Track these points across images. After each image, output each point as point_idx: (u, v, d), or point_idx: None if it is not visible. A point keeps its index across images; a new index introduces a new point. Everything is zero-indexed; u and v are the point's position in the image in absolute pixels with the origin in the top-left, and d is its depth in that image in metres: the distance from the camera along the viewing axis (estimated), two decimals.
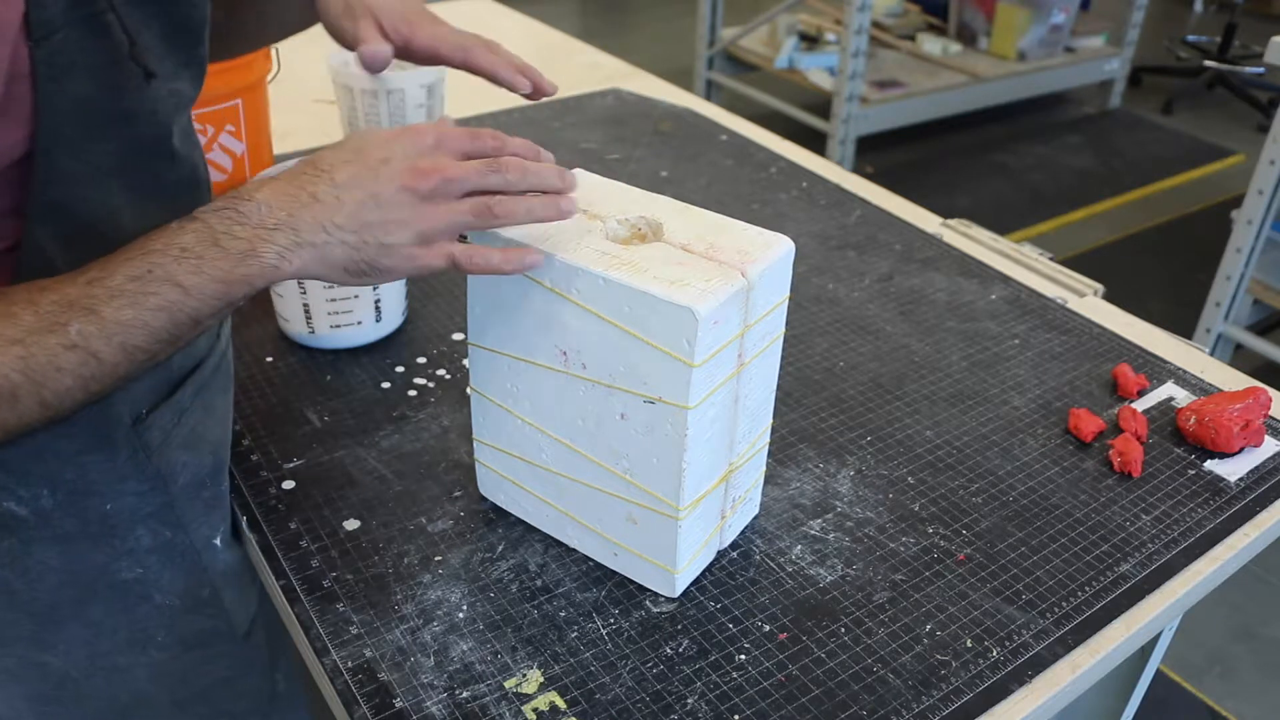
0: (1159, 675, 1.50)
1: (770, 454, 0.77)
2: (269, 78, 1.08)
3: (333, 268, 0.56)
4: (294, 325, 0.91)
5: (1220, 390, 0.90)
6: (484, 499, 0.76)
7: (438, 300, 1.00)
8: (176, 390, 0.66)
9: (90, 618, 0.68)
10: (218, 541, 0.73)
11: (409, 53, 0.78)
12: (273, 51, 1.08)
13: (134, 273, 0.52)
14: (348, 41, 0.78)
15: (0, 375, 0.49)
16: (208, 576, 0.72)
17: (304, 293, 0.87)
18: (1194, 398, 0.88)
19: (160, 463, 0.66)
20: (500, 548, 0.72)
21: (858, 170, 3.20)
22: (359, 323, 0.90)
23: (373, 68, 0.75)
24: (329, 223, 0.55)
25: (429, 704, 0.61)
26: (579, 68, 1.61)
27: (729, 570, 0.71)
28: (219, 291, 0.53)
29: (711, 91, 3.60)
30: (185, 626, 0.72)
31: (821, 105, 3.18)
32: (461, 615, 0.67)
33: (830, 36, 3.44)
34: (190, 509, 0.70)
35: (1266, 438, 0.84)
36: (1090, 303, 1.04)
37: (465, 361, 0.91)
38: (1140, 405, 0.88)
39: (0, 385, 0.49)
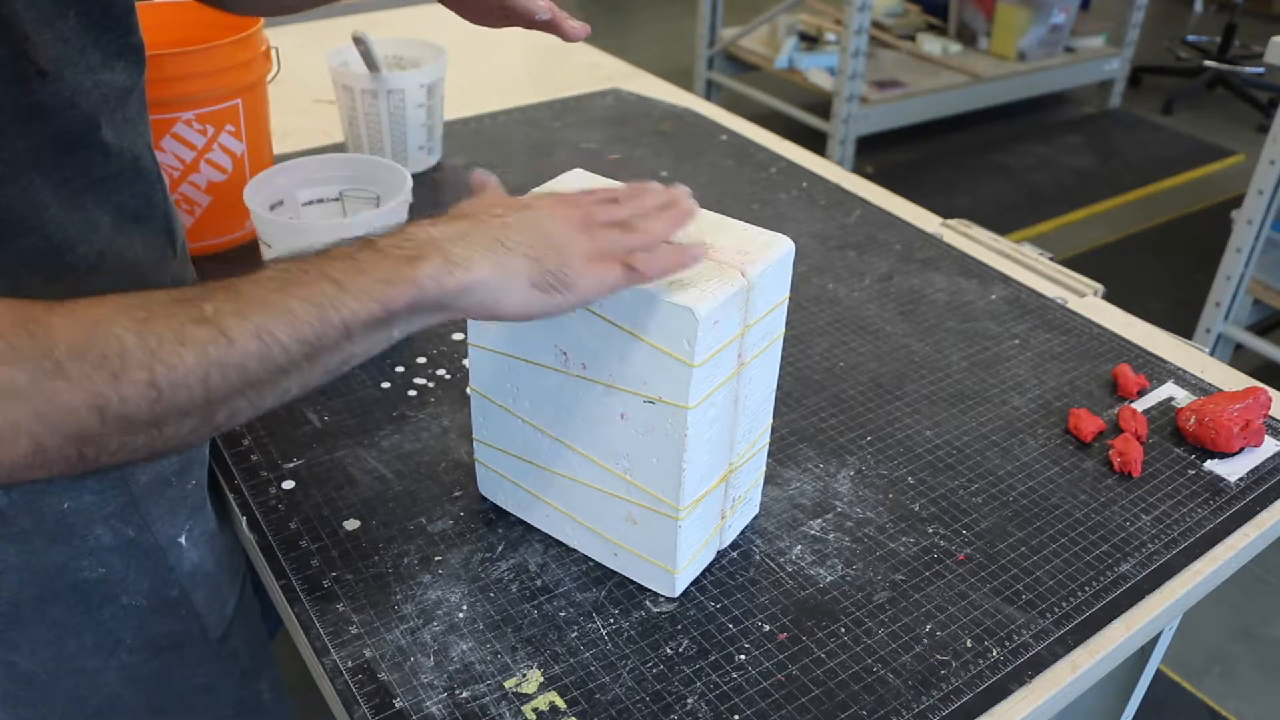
0: (1159, 675, 1.50)
1: (770, 454, 0.77)
2: (269, 78, 1.08)
3: (515, 280, 0.53)
4: None
5: (1220, 390, 0.90)
6: (484, 499, 0.76)
7: None
8: None
9: (54, 618, 0.66)
10: (183, 540, 0.71)
11: None
12: (273, 51, 1.08)
13: (285, 267, 0.48)
14: None
15: (110, 333, 0.43)
16: (174, 576, 0.71)
17: None
18: (1194, 398, 0.88)
19: None
20: (500, 548, 0.72)
21: (858, 170, 3.20)
22: None
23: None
24: (504, 236, 0.53)
25: (429, 704, 0.61)
26: (579, 68, 1.61)
27: (729, 570, 0.71)
28: (378, 292, 0.49)
29: (711, 91, 3.59)
30: (154, 628, 0.71)
31: (821, 105, 3.18)
32: (461, 615, 0.67)
33: (830, 36, 3.44)
34: (155, 508, 0.68)
35: (1266, 438, 0.84)
36: (1090, 303, 1.04)
37: (465, 361, 0.91)
38: (1140, 405, 0.88)
39: (108, 345, 0.43)
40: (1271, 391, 0.89)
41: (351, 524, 0.74)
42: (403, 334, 0.52)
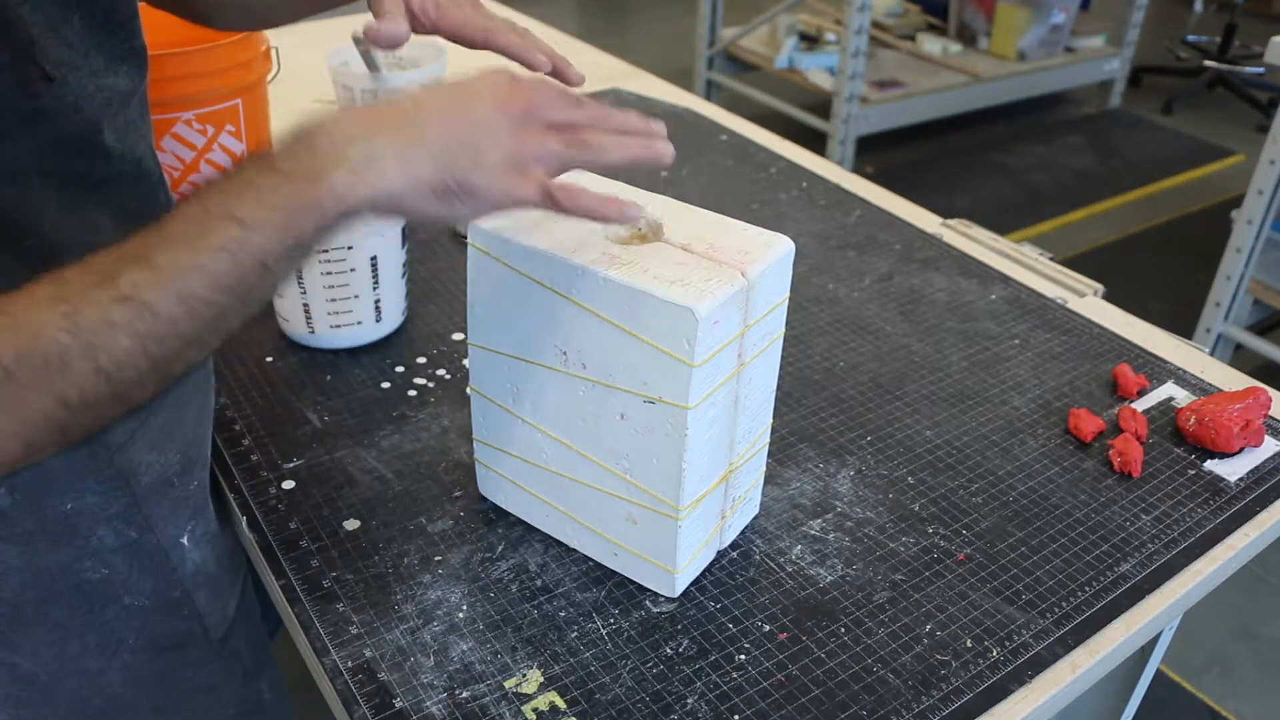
0: (1159, 675, 1.50)
1: (770, 454, 0.77)
2: (269, 78, 1.08)
3: (419, 185, 0.51)
4: (294, 325, 0.91)
5: (1220, 390, 0.90)
6: (484, 499, 0.76)
7: (438, 300, 1.00)
8: None
9: (56, 619, 0.66)
10: (185, 541, 0.71)
11: (436, 34, 0.74)
12: (273, 51, 1.08)
13: (190, 214, 0.48)
14: (373, 11, 0.72)
15: (46, 337, 0.44)
16: (176, 577, 0.71)
17: (304, 293, 0.87)
18: (1194, 398, 0.88)
19: (122, 462, 0.65)
20: (500, 548, 0.72)
21: (858, 170, 3.20)
22: (359, 323, 0.90)
23: (379, 43, 0.70)
24: (414, 136, 0.51)
25: (429, 704, 0.61)
26: (579, 68, 1.61)
27: (729, 570, 0.71)
28: (283, 222, 0.48)
29: (711, 91, 3.59)
30: (157, 628, 0.71)
31: (821, 105, 3.18)
32: (461, 615, 0.67)
33: (830, 36, 3.44)
34: (158, 509, 0.68)
35: (1266, 438, 0.84)
36: (1090, 303, 1.04)
37: (465, 361, 0.91)
38: (1140, 405, 0.88)
39: (47, 348, 0.44)
40: (1271, 391, 0.89)
41: (351, 524, 0.74)
42: (321, 245, 0.51)
